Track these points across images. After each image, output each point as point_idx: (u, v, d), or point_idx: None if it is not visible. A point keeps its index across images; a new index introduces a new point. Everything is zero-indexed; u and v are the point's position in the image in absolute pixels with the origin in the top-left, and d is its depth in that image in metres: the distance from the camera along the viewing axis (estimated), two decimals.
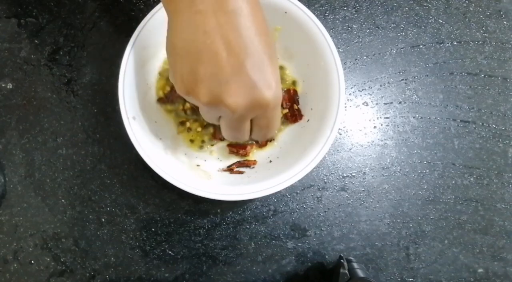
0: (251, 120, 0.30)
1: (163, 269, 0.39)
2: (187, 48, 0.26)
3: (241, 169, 0.39)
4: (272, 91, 0.27)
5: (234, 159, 0.39)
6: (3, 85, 0.41)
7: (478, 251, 0.42)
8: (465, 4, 0.45)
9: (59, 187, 0.40)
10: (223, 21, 0.25)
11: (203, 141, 0.39)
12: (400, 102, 0.43)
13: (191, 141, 0.39)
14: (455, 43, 0.45)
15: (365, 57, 0.44)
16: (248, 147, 0.39)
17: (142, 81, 0.37)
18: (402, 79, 0.44)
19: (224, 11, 0.25)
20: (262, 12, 0.28)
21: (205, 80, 0.26)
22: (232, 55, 0.25)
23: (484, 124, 0.44)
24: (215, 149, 0.40)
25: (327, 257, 0.40)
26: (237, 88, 0.26)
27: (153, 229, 0.40)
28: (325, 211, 0.41)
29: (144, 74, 0.37)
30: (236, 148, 0.39)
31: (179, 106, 0.39)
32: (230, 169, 0.39)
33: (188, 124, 0.39)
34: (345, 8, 0.44)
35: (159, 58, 0.39)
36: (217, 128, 0.39)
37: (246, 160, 0.39)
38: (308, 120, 0.39)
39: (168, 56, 0.29)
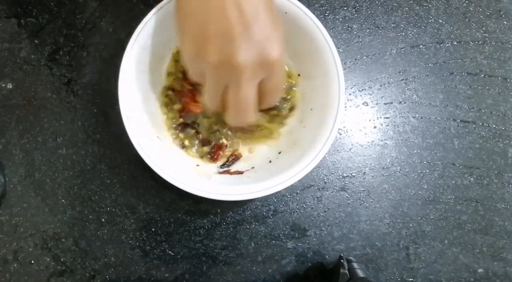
0: (258, 88, 0.31)
1: (163, 269, 0.39)
2: (198, 8, 0.28)
3: (237, 168, 0.39)
4: (278, 50, 0.28)
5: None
6: (3, 85, 0.41)
7: (478, 251, 0.42)
8: (465, 4, 0.45)
9: (59, 187, 0.40)
10: None
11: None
12: (400, 102, 0.43)
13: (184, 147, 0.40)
14: (455, 43, 0.45)
15: (365, 57, 0.44)
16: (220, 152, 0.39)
17: (142, 81, 0.37)
18: (402, 79, 0.44)
19: None
20: None
21: (215, 38, 0.27)
22: (242, 15, 0.27)
23: (484, 124, 0.44)
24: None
25: (327, 257, 0.40)
26: (246, 47, 0.27)
27: (153, 229, 0.40)
28: (325, 211, 0.41)
29: (144, 74, 0.37)
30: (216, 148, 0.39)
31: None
32: (226, 171, 0.39)
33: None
34: (345, 8, 0.44)
35: (159, 58, 0.39)
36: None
37: (233, 153, 0.39)
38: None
39: (177, 19, 0.30)
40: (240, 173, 0.38)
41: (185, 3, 0.29)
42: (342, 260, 0.37)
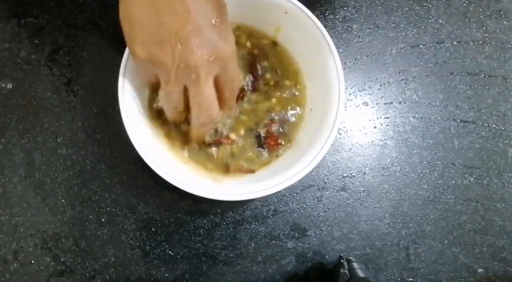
0: (216, 85, 0.31)
1: (163, 269, 0.39)
2: (145, 13, 0.27)
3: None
4: (230, 44, 0.30)
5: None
6: (3, 85, 0.41)
7: (478, 251, 0.42)
8: (465, 4, 0.45)
9: (59, 187, 0.40)
10: None
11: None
12: (400, 102, 0.43)
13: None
14: (455, 43, 0.45)
15: (365, 57, 0.44)
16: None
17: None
18: (402, 79, 0.44)
19: None
20: None
21: (167, 40, 0.27)
22: (191, 14, 0.27)
23: (484, 124, 0.44)
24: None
25: (327, 257, 0.40)
26: (199, 45, 0.28)
27: (153, 229, 0.40)
28: (325, 211, 0.41)
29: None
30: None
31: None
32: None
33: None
34: (345, 8, 0.44)
35: None
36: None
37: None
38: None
39: (124, 26, 0.29)
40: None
41: (131, 8, 0.28)
42: (342, 260, 0.37)
